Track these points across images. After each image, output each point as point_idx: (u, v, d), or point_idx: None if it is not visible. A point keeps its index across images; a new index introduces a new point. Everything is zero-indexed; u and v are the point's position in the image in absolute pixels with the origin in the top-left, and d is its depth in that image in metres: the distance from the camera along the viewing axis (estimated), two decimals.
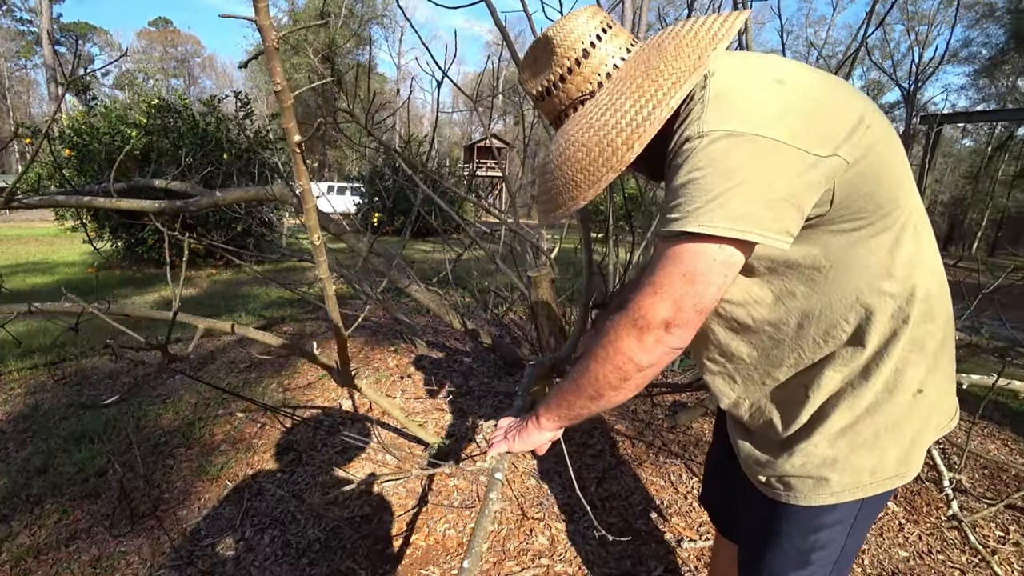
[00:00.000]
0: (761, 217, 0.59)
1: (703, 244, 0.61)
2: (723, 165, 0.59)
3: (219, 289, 5.41)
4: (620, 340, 0.67)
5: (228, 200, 2.58)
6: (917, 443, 0.74)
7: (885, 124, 0.67)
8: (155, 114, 6.24)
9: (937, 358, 0.72)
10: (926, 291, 0.69)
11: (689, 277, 0.62)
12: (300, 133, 0.84)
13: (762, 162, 0.59)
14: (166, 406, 2.53)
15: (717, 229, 0.59)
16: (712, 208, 0.59)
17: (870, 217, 0.65)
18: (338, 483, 1.88)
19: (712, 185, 0.59)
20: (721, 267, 0.62)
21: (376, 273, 3.07)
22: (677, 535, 1.72)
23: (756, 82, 0.65)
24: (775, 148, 0.59)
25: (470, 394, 2.70)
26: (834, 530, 0.76)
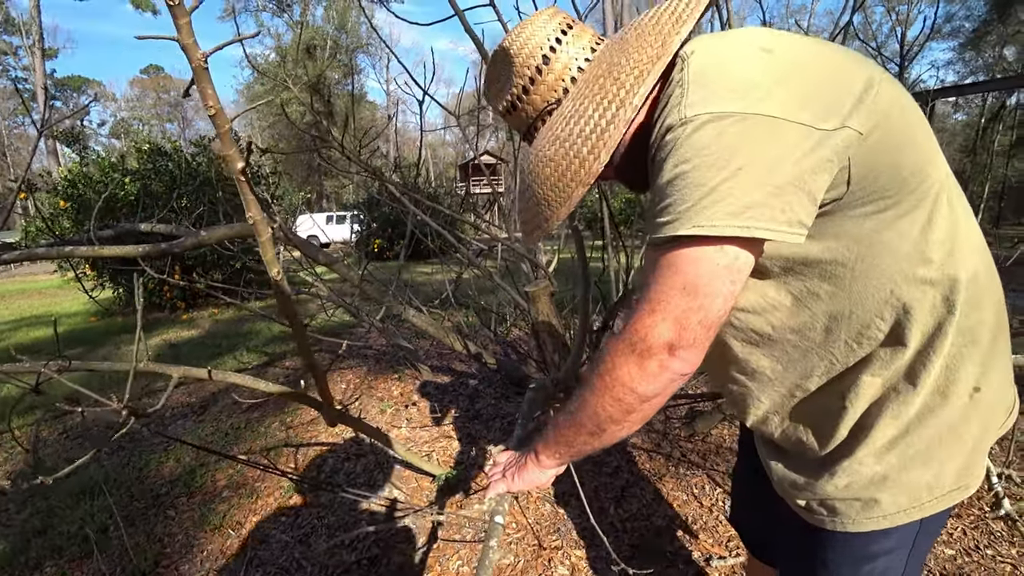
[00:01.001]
0: (767, 208, 0.50)
1: (702, 248, 0.52)
2: (714, 153, 0.51)
3: (221, 328, 5.37)
4: (618, 369, 0.58)
5: (214, 238, 2.53)
6: (979, 449, 0.64)
7: (898, 87, 0.58)
8: (146, 159, 6.27)
9: (993, 349, 0.62)
10: (971, 273, 0.59)
11: (690, 289, 0.53)
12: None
13: (759, 144, 0.51)
14: (167, 454, 2.46)
15: (716, 228, 0.50)
16: (707, 204, 0.50)
17: (896, 195, 0.56)
18: (343, 525, 1.79)
19: (704, 178, 0.51)
20: (726, 273, 0.53)
21: (371, 300, 3.02)
22: (705, 553, 1.62)
23: (740, 54, 0.57)
24: (772, 126, 0.51)
25: (478, 418, 2.62)
26: (891, 557, 0.67)
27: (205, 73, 0.68)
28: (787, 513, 0.73)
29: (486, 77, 0.76)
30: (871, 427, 0.62)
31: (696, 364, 0.57)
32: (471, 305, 4.10)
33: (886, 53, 18.95)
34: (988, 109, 22.77)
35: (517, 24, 0.71)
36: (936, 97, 9.41)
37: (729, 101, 0.52)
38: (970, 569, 1.51)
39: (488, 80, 0.76)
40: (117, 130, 42.14)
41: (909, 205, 0.57)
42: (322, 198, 32.69)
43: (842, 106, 0.53)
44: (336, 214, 18.39)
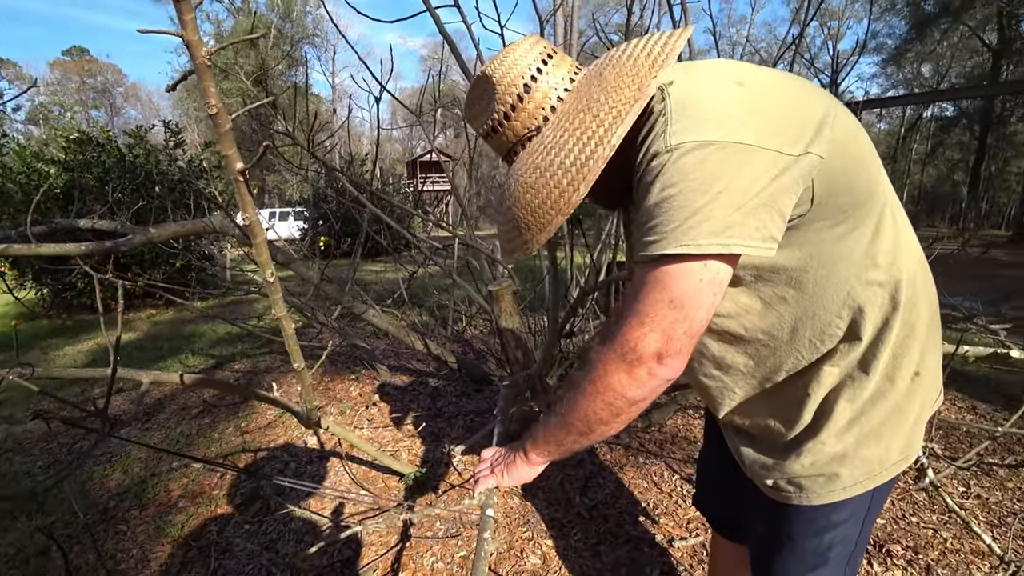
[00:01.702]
0: (745, 227, 0.57)
1: (687, 265, 0.58)
2: (697, 178, 0.57)
3: (161, 330, 5.10)
4: (609, 376, 0.63)
5: (164, 236, 2.42)
6: (918, 424, 0.74)
7: (849, 116, 0.66)
8: (75, 148, 5.85)
9: (928, 338, 0.72)
10: (911, 274, 0.68)
11: (677, 303, 0.59)
12: (243, 157, 0.77)
13: (737, 169, 0.57)
14: (113, 465, 2.33)
15: (700, 247, 0.56)
16: (692, 225, 0.56)
17: (851, 210, 0.64)
18: (312, 528, 1.77)
19: (689, 201, 0.57)
20: (709, 287, 0.59)
21: (329, 300, 2.96)
22: (668, 535, 1.71)
23: (716, 87, 0.63)
24: (748, 153, 0.57)
25: (440, 416, 2.63)
26: (847, 525, 0.75)
27: (208, 71, 0.68)
28: (754, 494, 0.80)
29: (468, 98, 0.80)
30: (831, 411, 0.70)
31: (680, 370, 0.62)
32: (426, 304, 4.09)
33: (818, 64, 20.20)
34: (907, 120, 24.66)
35: (501, 50, 0.75)
36: (863, 108, 10.10)
37: (710, 131, 0.58)
38: (899, 535, 1.67)
39: (469, 101, 0.80)
40: (35, 116, 38.90)
41: (861, 218, 0.65)
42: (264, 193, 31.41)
43: (806, 133, 0.60)
44: (280, 210, 17.78)
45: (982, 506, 1.84)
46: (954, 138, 23.66)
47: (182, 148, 6.67)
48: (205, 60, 0.71)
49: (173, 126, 6.48)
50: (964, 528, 1.66)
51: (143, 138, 6.25)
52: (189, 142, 8.83)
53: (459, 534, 1.73)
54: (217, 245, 6.79)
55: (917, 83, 23.46)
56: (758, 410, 0.77)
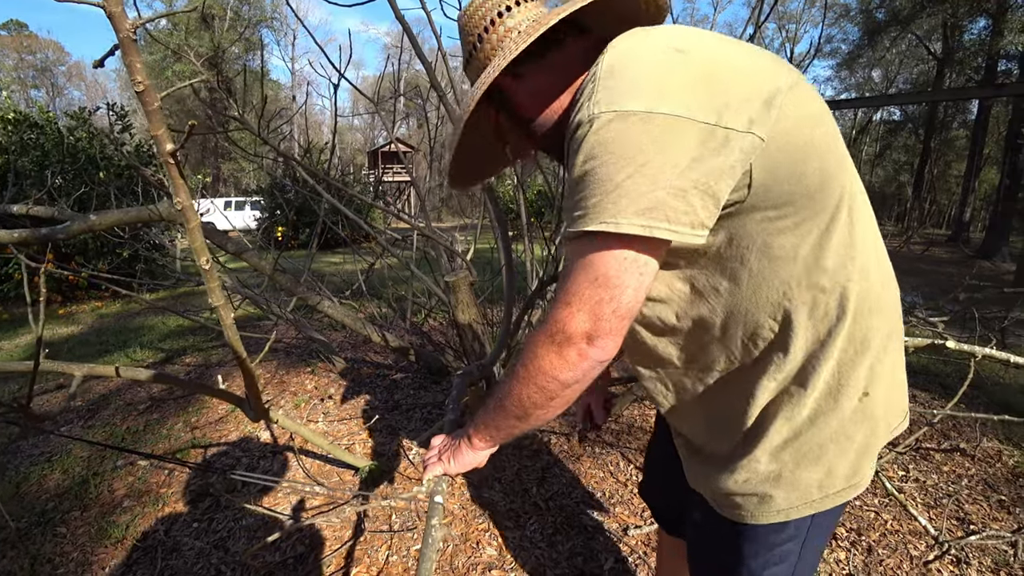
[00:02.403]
0: (670, 208, 0.53)
1: (608, 242, 0.55)
2: (618, 150, 0.53)
3: (107, 324, 4.87)
4: (540, 359, 0.61)
5: (106, 224, 2.31)
6: (868, 451, 0.67)
7: (811, 96, 0.60)
8: (11, 130, 5.50)
9: (884, 354, 0.66)
10: (865, 283, 0.62)
11: (602, 281, 0.56)
12: (174, 141, 0.74)
13: (662, 142, 0.52)
14: (51, 464, 2.22)
15: (620, 226, 0.53)
16: (612, 201, 0.53)
17: (797, 202, 0.58)
18: (264, 525, 1.73)
19: (609, 174, 0.53)
20: (633, 266, 0.56)
21: (284, 292, 2.89)
22: (623, 524, 1.75)
23: (650, 53, 0.58)
24: (675, 125, 0.53)
25: (397, 409, 2.61)
26: (786, 547, 0.71)
27: (133, 45, 0.65)
28: (698, 497, 0.78)
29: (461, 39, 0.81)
30: (767, 428, 0.66)
31: (613, 352, 0.60)
32: (384, 295, 4.03)
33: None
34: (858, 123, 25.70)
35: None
36: None
37: (633, 99, 0.53)
38: (843, 518, 1.76)
39: (462, 42, 0.80)
40: None
41: (809, 212, 0.59)
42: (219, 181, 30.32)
43: (749, 109, 0.54)
44: (235, 199, 17.23)
45: (920, 488, 1.95)
46: (900, 141, 24.81)
47: (129, 132, 6.36)
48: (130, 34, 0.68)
49: (119, 108, 6.17)
50: (902, 510, 1.76)
51: (86, 120, 5.93)
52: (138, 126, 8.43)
53: (414, 527, 1.72)
54: (167, 234, 6.52)
55: (868, 87, 24.49)
56: (696, 417, 0.74)
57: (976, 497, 1.92)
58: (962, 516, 1.81)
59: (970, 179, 14.20)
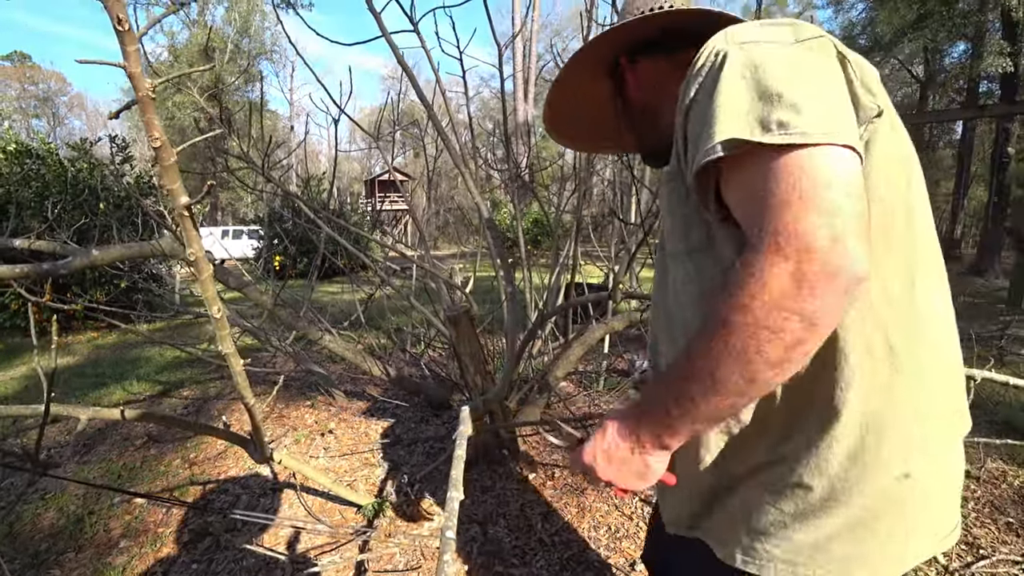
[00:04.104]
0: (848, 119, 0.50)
1: (819, 150, 0.46)
2: (782, 59, 0.50)
3: (104, 355, 4.84)
4: (769, 285, 0.44)
5: (108, 259, 2.33)
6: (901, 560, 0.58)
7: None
8: (12, 161, 5.54)
9: (933, 426, 0.57)
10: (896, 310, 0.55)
11: (830, 185, 0.45)
12: (187, 181, 0.75)
13: (822, 71, 0.51)
14: (46, 503, 2.18)
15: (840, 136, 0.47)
16: (814, 101, 0.48)
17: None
18: (266, 565, 1.70)
19: (784, 74, 0.49)
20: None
21: (284, 325, 2.89)
22: (630, 559, 1.72)
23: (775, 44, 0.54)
24: (830, 63, 0.52)
25: (398, 443, 2.58)
26: None
27: (151, 103, 0.67)
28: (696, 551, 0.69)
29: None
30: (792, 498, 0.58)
31: (867, 262, 0.44)
32: (383, 326, 4.02)
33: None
34: None
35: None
36: None
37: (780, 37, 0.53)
38: None
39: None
40: None
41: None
42: (217, 211, 30.45)
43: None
44: (233, 228, 17.34)
45: None
46: None
47: (130, 163, 6.41)
48: (149, 93, 0.70)
49: (120, 140, 6.24)
50: None
51: (87, 151, 5.98)
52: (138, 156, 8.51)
53: (419, 566, 1.69)
54: (166, 265, 6.52)
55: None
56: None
57: (984, 520, 1.90)
58: (970, 540, 1.79)
59: (959, 197, 14.41)
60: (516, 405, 2.43)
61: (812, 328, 0.44)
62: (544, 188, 4.32)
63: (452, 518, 0.85)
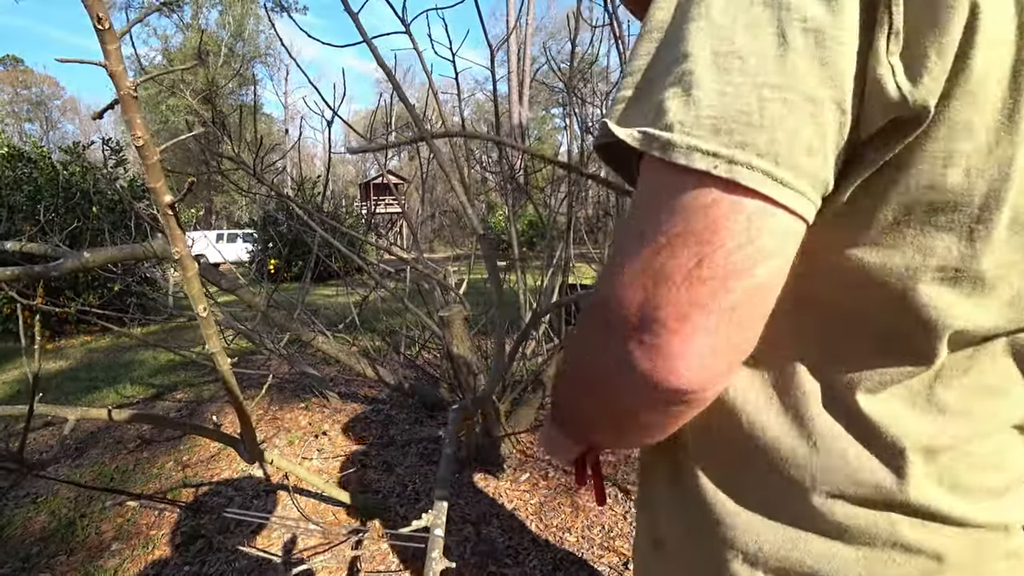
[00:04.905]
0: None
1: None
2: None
3: (97, 358, 4.82)
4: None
5: (99, 261, 2.31)
6: None
7: None
8: (5, 165, 5.53)
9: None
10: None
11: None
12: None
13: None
14: (37, 506, 2.17)
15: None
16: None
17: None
18: (259, 567, 1.70)
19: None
20: None
21: (278, 327, 2.89)
22: (624, 558, 1.73)
23: None
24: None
25: (392, 444, 2.58)
26: None
27: (134, 102, 0.67)
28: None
29: None
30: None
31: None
32: (378, 328, 4.02)
33: None
34: None
35: None
36: None
37: None
38: None
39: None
40: None
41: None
42: (211, 214, 30.36)
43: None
44: (228, 232, 17.31)
45: None
46: None
47: (123, 167, 6.40)
48: (131, 91, 0.71)
49: (114, 143, 6.23)
50: None
51: (80, 155, 5.97)
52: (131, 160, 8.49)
53: (412, 567, 1.69)
54: (159, 268, 6.51)
55: None
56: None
57: None
58: None
59: None
60: (510, 405, 2.44)
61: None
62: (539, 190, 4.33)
63: (440, 515, 0.86)
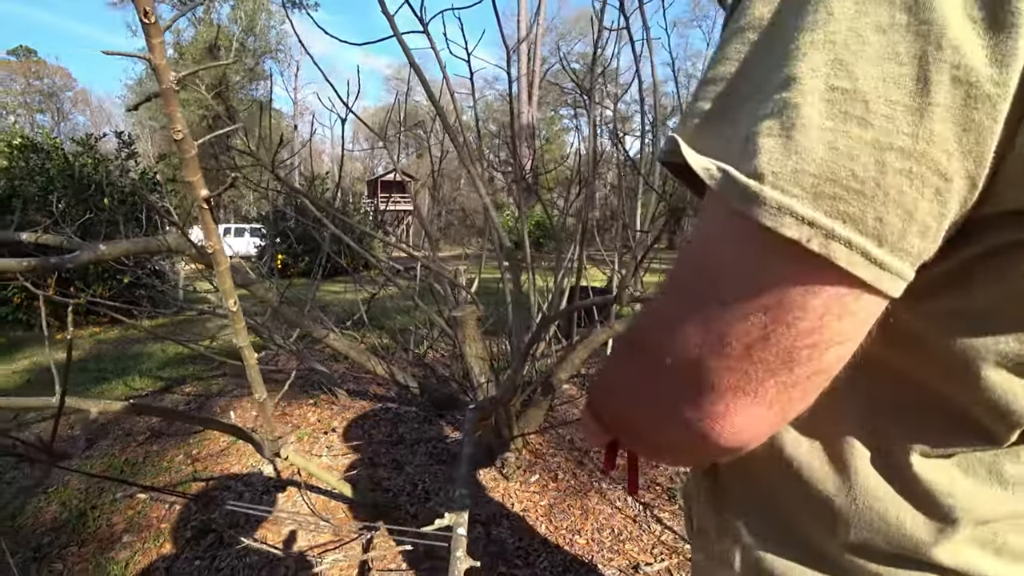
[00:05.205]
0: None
1: None
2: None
3: (106, 350, 4.84)
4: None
5: (115, 253, 2.33)
6: None
7: None
8: (18, 155, 5.56)
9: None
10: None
11: None
12: (200, 179, 0.76)
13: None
14: (49, 497, 2.18)
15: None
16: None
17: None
18: (269, 563, 1.70)
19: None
20: None
21: (288, 323, 2.89)
22: (633, 561, 1.72)
23: None
24: None
25: (401, 443, 2.58)
26: None
27: (175, 96, 0.67)
28: None
29: None
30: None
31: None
32: (386, 326, 4.02)
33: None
34: None
35: None
36: None
37: None
38: None
39: None
40: None
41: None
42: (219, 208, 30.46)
43: None
44: (235, 226, 17.39)
45: None
46: None
47: (135, 159, 6.43)
48: (172, 85, 0.71)
49: (126, 137, 6.26)
50: None
51: (92, 147, 6.00)
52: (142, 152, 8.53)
53: (424, 565, 1.69)
54: (168, 261, 6.53)
55: None
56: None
57: None
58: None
59: None
60: (520, 407, 2.43)
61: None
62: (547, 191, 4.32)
63: (463, 515, 0.86)
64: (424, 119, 3.08)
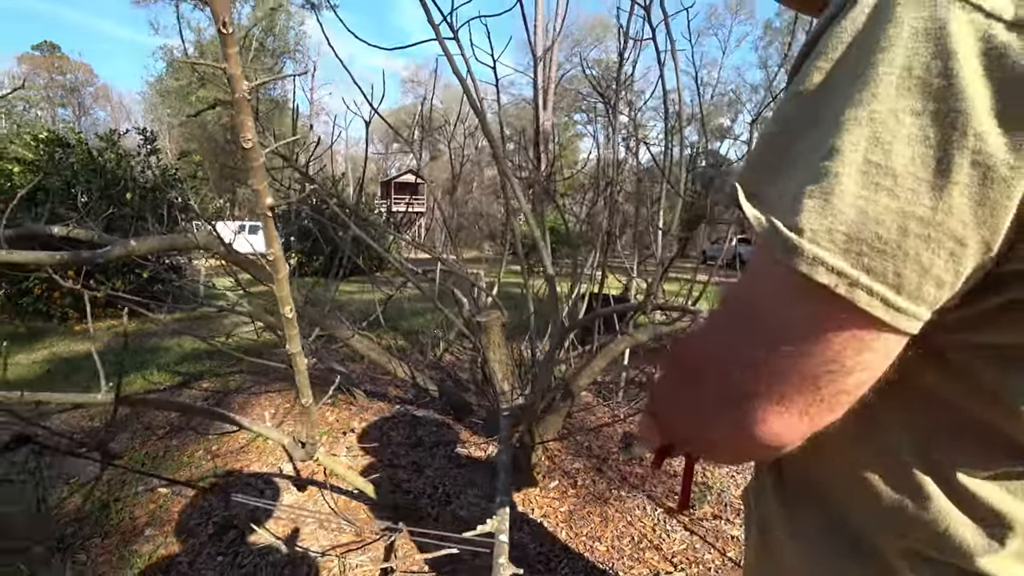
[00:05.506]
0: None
1: None
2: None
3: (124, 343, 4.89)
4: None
5: (144, 249, 2.36)
6: None
7: None
8: (44, 149, 5.65)
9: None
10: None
11: None
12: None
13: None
14: (71, 487, 2.21)
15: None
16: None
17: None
18: (291, 562, 1.71)
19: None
20: None
21: (311, 323, 2.91)
22: (653, 569, 1.71)
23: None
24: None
25: (420, 445, 2.59)
26: None
27: (247, 105, 0.68)
28: None
29: None
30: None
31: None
32: (401, 327, 4.04)
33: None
34: None
35: None
36: None
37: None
38: None
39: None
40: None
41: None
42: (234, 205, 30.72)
43: None
44: (249, 223, 17.54)
45: None
46: None
47: (156, 155, 6.52)
48: (245, 94, 0.72)
49: (149, 133, 6.35)
50: None
51: (115, 142, 6.08)
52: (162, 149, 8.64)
53: (445, 568, 1.69)
54: (186, 257, 6.60)
55: None
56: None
57: None
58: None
59: None
60: (539, 413, 2.43)
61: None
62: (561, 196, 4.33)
63: (504, 521, 0.86)
64: (446, 121, 3.10)
